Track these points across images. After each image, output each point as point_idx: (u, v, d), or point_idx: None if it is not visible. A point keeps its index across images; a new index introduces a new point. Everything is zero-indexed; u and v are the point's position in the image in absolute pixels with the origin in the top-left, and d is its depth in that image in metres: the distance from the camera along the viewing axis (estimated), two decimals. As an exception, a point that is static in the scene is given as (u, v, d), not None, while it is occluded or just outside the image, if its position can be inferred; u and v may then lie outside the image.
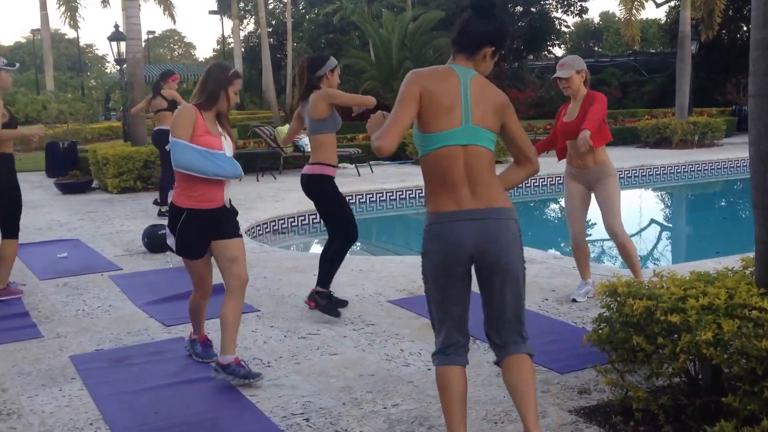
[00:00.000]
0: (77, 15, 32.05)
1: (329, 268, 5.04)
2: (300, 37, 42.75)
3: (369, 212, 11.36)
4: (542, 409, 3.48)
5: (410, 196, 11.90)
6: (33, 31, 48.59)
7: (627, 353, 3.26)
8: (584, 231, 5.35)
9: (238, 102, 4.68)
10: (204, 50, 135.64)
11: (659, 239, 10.45)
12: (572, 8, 39.37)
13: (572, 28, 51.91)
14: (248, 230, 8.76)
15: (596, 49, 55.98)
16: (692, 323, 2.90)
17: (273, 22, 44.52)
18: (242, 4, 43.88)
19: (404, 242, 10.18)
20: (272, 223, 9.68)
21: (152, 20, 72.41)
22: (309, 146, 5.04)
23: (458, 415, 2.84)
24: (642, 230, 10.60)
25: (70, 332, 4.92)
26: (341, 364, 4.19)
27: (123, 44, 15.93)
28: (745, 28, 28.93)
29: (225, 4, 39.35)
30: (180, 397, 3.79)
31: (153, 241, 7.40)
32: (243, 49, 40.66)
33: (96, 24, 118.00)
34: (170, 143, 3.77)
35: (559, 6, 39.15)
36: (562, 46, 48.25)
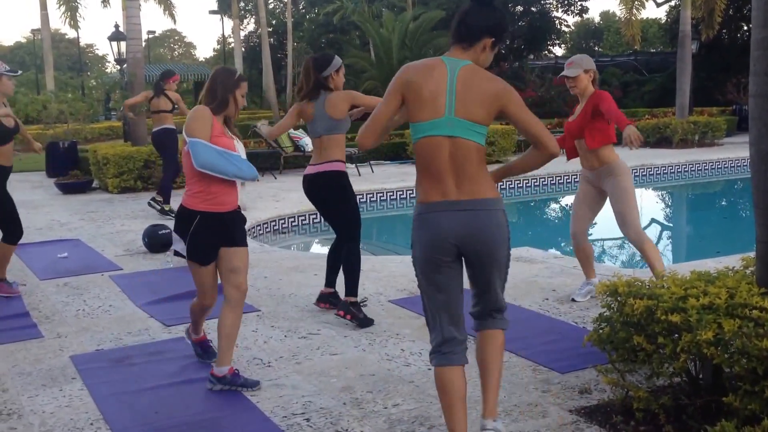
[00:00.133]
0: (77, 15, 32.02)
1: (355, 275, 4.96)
2: (300, 37, 42.77)
3: (369, 212, 11.35)
4: (543, 409, 3.48)
5: (411, 196, 11.88)
6: (33, 31, 48.58)
7: (628, 353, 3.26)
8: (585, 231, 5.34)
9: (246, 105, 4.67)
10: (204, 50, 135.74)
11: (660, 239, 10.44)
12: (573, 8, 39.38)
13: (573, 28, 51.94)
14: (249, 230, 8.74)
15: (596, 49, 55.97)
16: (693, 323, 2.90)
17: (273, 22, 44.55)
18: (242, 4, 43.92)
19: (405, 242, 10.10)
20: (272, 223, 9.69)
21: (152, 20, 72.58)
22: (309, 146, 5.03)
23: (459, 415, 2.85)
24: (643, 230, 10.57)
25: (71, 332, 4.92)
26: (342, 364, 4.19)
27: (123, 44, 15.95)
28: (746, 28, 28.92)
29: (225, 4, 39.36)
30: (180, 397, 3.80)
31: (153, 241, 7.41)
32: (243, 49, 40.67)
33: (96, 24, 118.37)
34: (188, 143, 3.69)
35: (560, 5, 39.15)
36: (563, 46, 48.29)
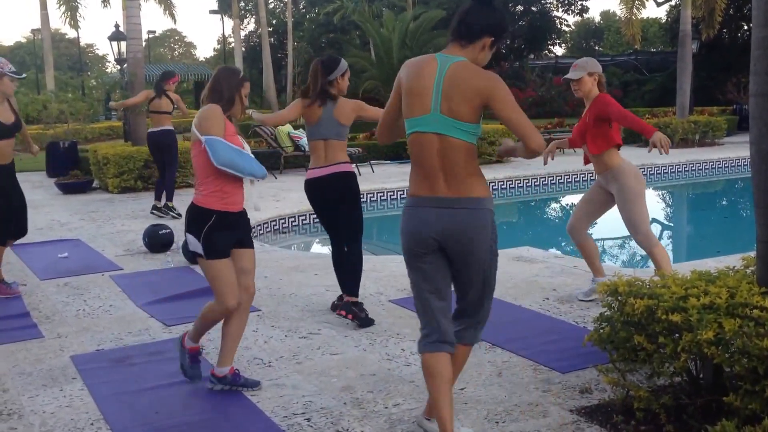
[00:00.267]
0: (77, 15, 31.98)
1: (357, 275, 5.06)
2: (300, 37, 42.76)
3: (370, 212, 11.34)
4: (543, 409, 3.48)
5: (411, 196, 11.87)
6: (33, 31, 48.58)
7: (628, 352, 3.26)
8: (582, 229, 5.28)
9: (247, 105, 4.71)
10: (204, 50, 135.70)
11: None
12: (573, 7, 39.44)
13: (573, 27, 51.99)
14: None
15: (597, 49, 56.03)
16: (693, 322, 2.90)
17: (273, 22, 44.55)
18: (243, 4, 43.93)
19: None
20: (273, 223, 9.68)
21: (152, 20, 72.37)
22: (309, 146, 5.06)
23: (446, 399, 2.92)
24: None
25: (71, 332, 4.92)
26: (342, 364, 4.19)
27: (123, 44, 15.95)
28: (746, 27, 28.93)
29: (225, 4, 39.36)
30: (181, 397, 3.80)
31: (154, 241, 7.41)
32: (243, 49, 40.65)
33: (96, 24, 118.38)
34: (204, 141, 3.65)
35: (560, 5, 39.18)
36: (563, 46, 48.37)
